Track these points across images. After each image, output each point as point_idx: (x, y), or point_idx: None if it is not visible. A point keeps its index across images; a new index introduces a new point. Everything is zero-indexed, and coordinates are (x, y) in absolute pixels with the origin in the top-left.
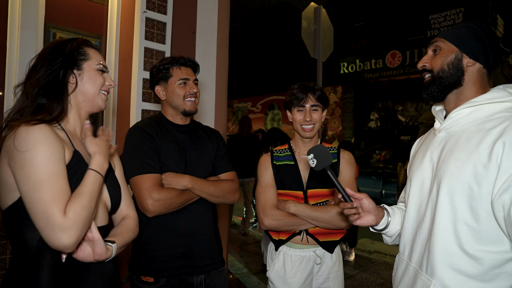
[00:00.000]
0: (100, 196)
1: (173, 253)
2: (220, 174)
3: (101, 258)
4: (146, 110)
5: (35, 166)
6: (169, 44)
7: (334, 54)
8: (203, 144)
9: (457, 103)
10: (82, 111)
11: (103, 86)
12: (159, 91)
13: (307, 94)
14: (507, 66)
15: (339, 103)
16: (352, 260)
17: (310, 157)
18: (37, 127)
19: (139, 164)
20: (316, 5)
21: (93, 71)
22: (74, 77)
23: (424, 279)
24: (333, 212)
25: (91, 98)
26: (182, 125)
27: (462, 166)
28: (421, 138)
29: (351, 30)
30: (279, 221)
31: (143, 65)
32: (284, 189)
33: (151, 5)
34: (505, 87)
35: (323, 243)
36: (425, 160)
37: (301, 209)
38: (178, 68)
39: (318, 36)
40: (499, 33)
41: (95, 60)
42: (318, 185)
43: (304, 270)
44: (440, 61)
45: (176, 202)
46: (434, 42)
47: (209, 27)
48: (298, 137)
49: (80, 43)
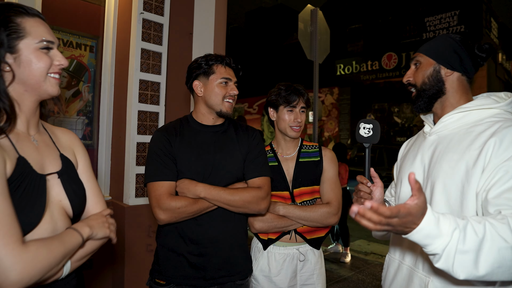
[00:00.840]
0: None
1: (185, 261)
2: (248, 180)
3: (51, 281)
4: (143, 111)
5: None
6: (166, 45)
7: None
8: (231, 146)
9: (443, 109)
10: (27, 102)
11: (51, 67)
12: (197, 86)
13: (299, 97)
14: (502, 69)
15: (336, 105)
16: (348, 262)
17: (369, 126)
18: None
19: (153, 171)
20: (312, 7)
21: (34, 51)
22: (7, 64)
23: (421, 276)
24: (322, 211)
25: (35, 87)
26: (213, 125)
27: (455, 166)
28: (409, 140)
29: (348, 32)
30: (269, 224)
31: (140, 66)
32: (271, 190)
33: (148, 6)
34: (489, 95)
35: (310, 240)
36: (416, 161)
37: (290, 210)
38: (222, 67)
39: (314, 38)
40: (493, 35)
41: (35, 35)
42: (303, 184)
43: (288, 267)
44: (421, 75)
45: (187, 211)
46: (414, 57)
47: (206, 29)
48: (281, 137)
49: (11, 14)
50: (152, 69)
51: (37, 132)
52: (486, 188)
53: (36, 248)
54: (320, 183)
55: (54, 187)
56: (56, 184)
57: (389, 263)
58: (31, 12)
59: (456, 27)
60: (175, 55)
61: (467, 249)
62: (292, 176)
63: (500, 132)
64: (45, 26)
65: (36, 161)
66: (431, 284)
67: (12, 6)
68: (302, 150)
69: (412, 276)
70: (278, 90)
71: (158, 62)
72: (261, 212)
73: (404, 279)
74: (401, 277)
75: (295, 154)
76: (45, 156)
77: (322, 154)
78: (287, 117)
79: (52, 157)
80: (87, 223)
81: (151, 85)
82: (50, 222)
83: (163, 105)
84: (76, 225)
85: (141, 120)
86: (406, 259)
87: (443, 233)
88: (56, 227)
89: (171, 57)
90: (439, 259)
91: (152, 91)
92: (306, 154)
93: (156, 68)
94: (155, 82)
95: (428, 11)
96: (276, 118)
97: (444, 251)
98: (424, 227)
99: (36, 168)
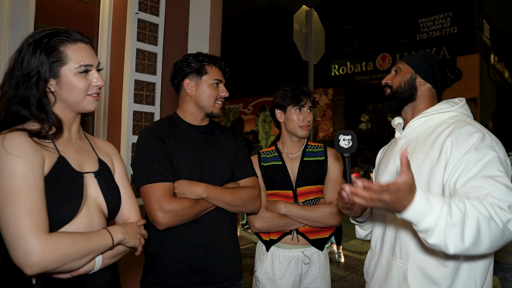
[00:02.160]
0: (93, 199)
1: (187, 267)
2: (239, 180)
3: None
4: (138, 111)
5: (6, 177)
6: (161, 46)
7: (325, 57)
8: (220, 147)
9: (413, 114)
10: (68, 116)
11: (90, 89)
12: (188, 85)
13: (307, 97)
14: (494, 70)
15: (330, 105)
16: (342, 262)
17: (348, 138)
18: (10, 137)
19: (148, 172)
20: (307, 8)
21: (73, 76)
22: (50, 88)
23: (399, 264)
24: (324, 211)
25: (75, 105)
26: (200, 126)
27: (421, 164)
28: (384, 148)
29: (342, 33)
30: (269, 223)
31: (135, 67)
32: (274, 189)
33: (143, 7)
34: (447, 101)
35: (313, 241)
36: (389, 164)
37: (292, 209)
38: (215, 68)
39: (309, 39)
40: (485, 37)
41: (75, 60)
42: (307, 183)
43: (292, 271)
44: (399, 79)
45: (190, 213)
46: (396, 64)
47: (201, 29)
48: (288, 137)
49: (54, 44)
50: (148, 69)
51: (79, 138)
52: (452, 180)
53: (58, 238)
54: (324, 182)
55: (91, 185)
56: (93, 182)
57: (370, 257)
58: (75, 38)
59: (449, 29)
60: (170, 56)
61: (454, 222)
62: (296, 175)
63: (456, 132)
64: (85, 51)
65: (76, 161)
66: (410, 270)
67: (57, 35)
68: (307, 150)
69: (391, 266)
70: (284, 91)
71: (153, 62)
72: (255, 211)
73: (383, 270)
74: (381, 269)
75: (300, 154)
76: (84, 157)
77: (327, 154)
78: (295, 117)
79: (90, 159)
80: (122, 229)
81: (146, 85)
82: (87, 216)
83: (158, 106)
84: (111, 228)
85: (136, 120)
86: (384, 251)
87: (434, 209)
88: (92, 221)
89: (167, 58)
90: (431, 234)
91: (147, 92)
92: (311, 153)
93: (152, 68)
94: (150, 82)
95: (421, 12)
96: (284, 119)
97: (436, 225)
98: (417, 204)
99: (75, 167)
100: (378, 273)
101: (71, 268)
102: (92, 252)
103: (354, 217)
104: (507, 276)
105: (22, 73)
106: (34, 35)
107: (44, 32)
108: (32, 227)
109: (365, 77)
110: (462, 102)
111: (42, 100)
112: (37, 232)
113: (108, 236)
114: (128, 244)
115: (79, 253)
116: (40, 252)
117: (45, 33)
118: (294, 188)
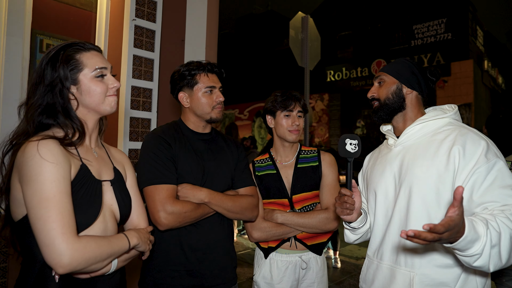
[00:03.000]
0: (108, 206)
1: (182, 270)
2: (239, 189)
3: (99, 274)
4: (135, 118)
5: (41, 183)
6: (158, 52)
7: (321, 63)
8: (223, 154)
9: (405, 123)
10: (90, 121)
11: (108, 91)
12: (182, 99)
13: (296, 101)
14: (487, 76)
15: (326, 111)
16: (339, 267)
17: (355, 142)
18: (44, 143)
19: (153, 173)
20: (303, 15)
21: (91, 81)
22: (72, 94)
23: (405, 272)
24: (320, 217)
25: (96, 108)
26: (203, 133)
27: (427, 171)
28: (372, 153)
29: (338, 39)
30: (267, 233)
31: (132, 73)
32: (270, 198)
33: (140, 13)
34: (435, 108)
35: (311, 247)
36: (385, 172)
37: (289, 217)
38: (205, 75)
39: (305, 45)
40: (479, 43)
41: (90, 66)
42: (302, 190)
43: (290, 275)
44: (385, 91)
45: (191, 216)
46: (378, 76)
47: (198, 35)
48: (279, 143)
49: (70, 53)
50: (144, 75)
51: (97, 146)
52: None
53: (86, 241)
54: (320, 188)
55: (107, 192)
56: (109, 190)
57: (368, 265)
58: (87, 47)
59: (443, 35)
60: (167, 62)
61: (494, 244)
62: (290, 183)
63: (460, 140)
64: (98, 56)
65: (95, 169)
66: (417, 278)
67: (72, 45)
68: (300, 156)
69: (395, 274)
70: (274, 97)
71: (150, 68)
72: (253, 219)
73: (386, 278)
74: (382, 276)
75: (294, 161)
76: (102, 166)
77: (320, 159)
78: (284, 121)
79: (107, 167)
80: (137, 235)
81: (143, 91)
82: (102, 222)
83: (155, 112)
84: (128, 233)
85: (133, 126)
86: (384, 259)
87: (480, 236)
88: (107, 227)
89: (163, 64)
90: (477, 258)
91: (144, 98)
92: (305, 159)
93: (148, 74)
94: (147, 88)
95: (416, 19)
96: (274, 124)
97: (483, 251)
98: (467, 234)
99: (95, 175)
100: (379, 281)
101: (95, 269)
102: (112, 255)
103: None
104: (503, 280)
105: (45, 84)
106: (51, 50)
107: (58, 47)
108: (65, 230)
109: (360, 83)
110: (456, 109)
111: (67, 106)
112: (69, 235)
113: (126, 240)
114: (140, 248)
115: (102, 256)
116: (71, 254)
117: (60, 47)
118: (290, 196)
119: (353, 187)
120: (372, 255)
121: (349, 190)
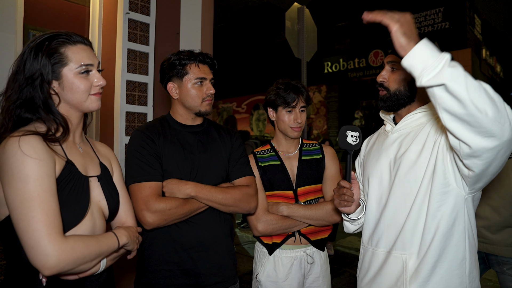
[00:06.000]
0: (96, 202)
1: (176, 269)
2: (234, 180)
3: (87, 274)
4: (130, 112)
5: (23, 181)
6: (153, 46)
7: (318, 54)
8: (214, 146)
9: (408, 111)
10: (73, 117)
11: (92, 88)
12: (171, 89)
13: (298, 96)
14: (486, 64)
15: (324, 102)
16: (332, 255)
17: (356, 134)
18: (26, 139)
19: (136, 171)
20: (299, 6)
21: (74, 77)
22: (53, 89)
23: (396, 255)
24: (327, 208)
25: (78, 105)
26: (193, 125)
27: (419, 155)
28: (369, 138)
29: (334, 30)
30: (273, 226)
31: (127, 67)
32: (274, 190)
33: (134, 6)
34: None
35: (315, 242)
36: (381, 158)
37: (295, 210)
38: (196, 66)
39: (302, 36)
40: (476, 31)
41: (76, 61)
42: (307, 182)
43: (296, 271)
44: (397, 80)
45: (178, 213)
46: (393, 61)
47: (193, 28)
48: (282, 136)
49: (55, 46)
50: (139, 69)
51: (82, 141)
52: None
53: (74, 241)
54: (323, 181)
55: (95, 188)
56: (96, 186)
57: (363, 253)
58: (74, 40)
59: (440, 24)
60: (162, 55)
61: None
62: (295, 175)
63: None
64: (85, 51)
65: (81, 165)
66: (410, 261)
67: (57, 37)
68: (303, 148)
69: (388, 258)
70: (276, 89)
71: (145, 62)
72: (251, 211)
73: (379, 263)
74: (377, 262)
75: (297, 153)
76: (88, 161)
77: (323, 152)
78: (286, 118)
79: (93, 163)
80: (126, 233)
81: (139, 85)
82: (91, 219)
83: (151, 106)
84: (117, 231)
85: (129, 121)
86: (380, 246)
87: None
88: (95, 224)
89: (158, 57)
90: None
91: (139, 92)
92: (308, 152)
93: (143, 68)
94: (142, 82)
95: (413, 8)
96: (276, 118)
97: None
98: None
99: (81, 171)
100: (374, 267)
101: (83, 269)
102: (101, 255)
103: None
104: (504, 269)
105: (25, 76)
106: (35, 39)
107: (44, 36)
108: (50, 230)
109: (358, 74)
110: None
111: (47, 101)
112: (55, 235)
113: (115, 239)
114: (129, 247)
115: (91, 256)
116: (58, 255)
117: (46, 36)
118: (295, 188)
119: (352, 179)
120: (367, 242)
121: (348, 182)
